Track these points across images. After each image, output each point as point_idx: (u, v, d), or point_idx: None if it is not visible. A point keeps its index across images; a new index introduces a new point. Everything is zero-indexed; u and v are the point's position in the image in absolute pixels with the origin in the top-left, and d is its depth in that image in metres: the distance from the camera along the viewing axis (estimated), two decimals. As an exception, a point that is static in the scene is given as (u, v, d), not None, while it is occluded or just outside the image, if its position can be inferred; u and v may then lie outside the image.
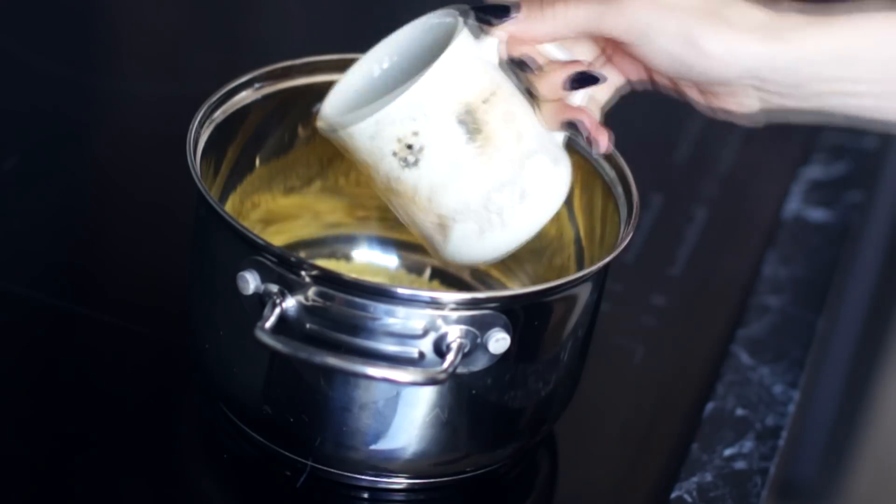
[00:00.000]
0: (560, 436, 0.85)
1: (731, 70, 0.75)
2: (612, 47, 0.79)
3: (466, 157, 0.75)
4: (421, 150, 0.75)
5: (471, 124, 0.75)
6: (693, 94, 0.79)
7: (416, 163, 0.75)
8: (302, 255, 0.89)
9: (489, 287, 0.90)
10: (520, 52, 0.77)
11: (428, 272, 0.92)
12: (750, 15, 0.75)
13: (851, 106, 0.76)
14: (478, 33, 0.77)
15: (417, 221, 0.77)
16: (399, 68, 0.80)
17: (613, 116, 0.81)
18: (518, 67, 0.78)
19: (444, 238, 0.77)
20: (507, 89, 0.77)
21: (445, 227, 0.77)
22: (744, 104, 0.77)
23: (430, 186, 0.75)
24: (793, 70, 0.75)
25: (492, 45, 0.77)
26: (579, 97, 0.78)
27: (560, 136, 0.79)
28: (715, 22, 0.74)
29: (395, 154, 0.75)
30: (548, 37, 0.77)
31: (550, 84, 0.77)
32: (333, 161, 0.90)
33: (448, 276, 0.91)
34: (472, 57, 0.76)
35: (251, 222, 0.87)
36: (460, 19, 0.77)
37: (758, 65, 0.75)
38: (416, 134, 0.74)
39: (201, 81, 0.87)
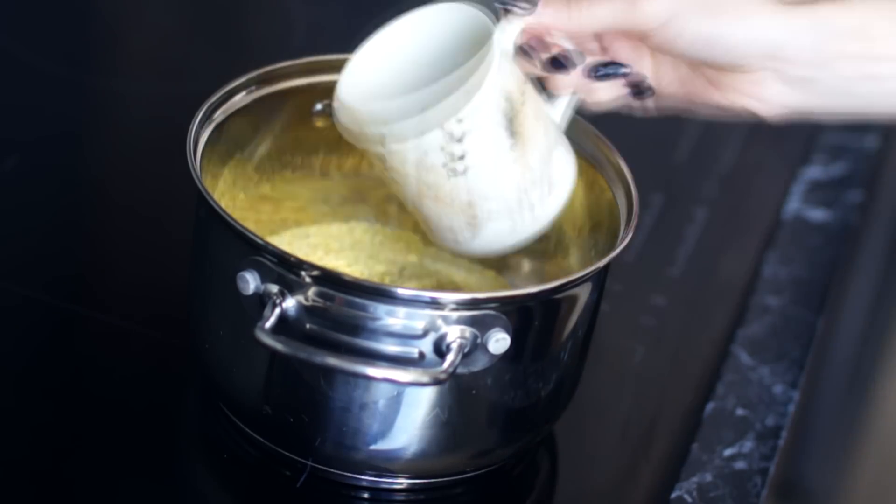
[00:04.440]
0: (560, 436, 0.85)
1: (754, 45, 0.75)
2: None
3: (507, 160, 0.75)
4: (470, 160, 0.74)
5: (512, 125, 0.75)
6: (709, 95, 0.78)
7: (464, 172, 0.75)
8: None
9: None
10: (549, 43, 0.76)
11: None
12: None
13: (877, 94, 0.76)
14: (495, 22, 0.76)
15: (445, 219, 0.77)
16: (415, 57, 0.79)
17: (614, 116, 0.81)
18: (551, 64, 0.76)
19: (472, 234, 0.77)
20: (529, 84, 0.77)
21: (478, 225, 0.77)
22: (765, 96, 0.77)
23: (474, 191, 0.75)
24: (813, 43, 0.75)
25: (511, 36, 0.76)
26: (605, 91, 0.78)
27: (562, 121, 0.79)
28: None
29: (444, 165, 0.74)
30: (571, 31, 0.76)
31: (573, 78, 0.77)
32: (333, 161, 0.90)
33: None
34: (509, 53, 0.75)
35: (251, 222, 0.87)
36: (490, 15, 0.75)
37: (781, 36, 0.75)
38: (467, 145, 0.74)
39: (201, 81, 0.87)
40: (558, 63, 0.76)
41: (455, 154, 0.74)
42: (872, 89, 0.76)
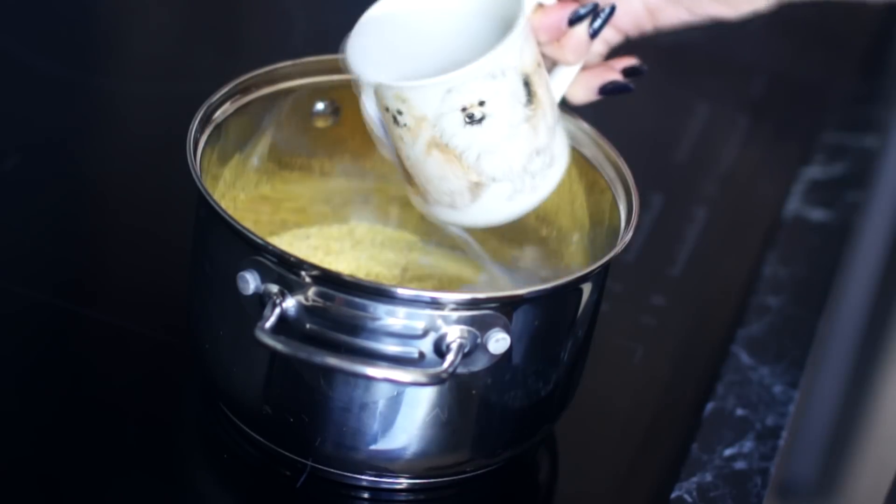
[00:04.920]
0: (560, 436, 0.85)
1: None
2: None
3: (521, 121, 0.76)
4: (490, 108, 0.75)
5: (530, 88, 0.76)
6: (711, 9, 0.80)
7: (481, 120, 0.75)
8: (302, 255, 0.89)
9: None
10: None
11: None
12: None
13: None
14: None
15: (448, 180, 0.77)
16: (428, 17, 0.80)
17: (614, 116, 0.81)
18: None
19: (472, 198, 0.77)
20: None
21: (480, 186, 0.77)
22: None
23: (485, 146, 0.76)
24: None
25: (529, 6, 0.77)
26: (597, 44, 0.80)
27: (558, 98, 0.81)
28: None
29: (464, 110, 0.75)
30: None
31: (575, 44, 0.78)
32: (333, 162, 0.90)
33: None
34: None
35: (251, 223, 0.87)
36: None
37: None
38: (491, 92, 0.75)
39: (201, 81, 0.88)
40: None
41: (479, 100, 0.74)
42: None
